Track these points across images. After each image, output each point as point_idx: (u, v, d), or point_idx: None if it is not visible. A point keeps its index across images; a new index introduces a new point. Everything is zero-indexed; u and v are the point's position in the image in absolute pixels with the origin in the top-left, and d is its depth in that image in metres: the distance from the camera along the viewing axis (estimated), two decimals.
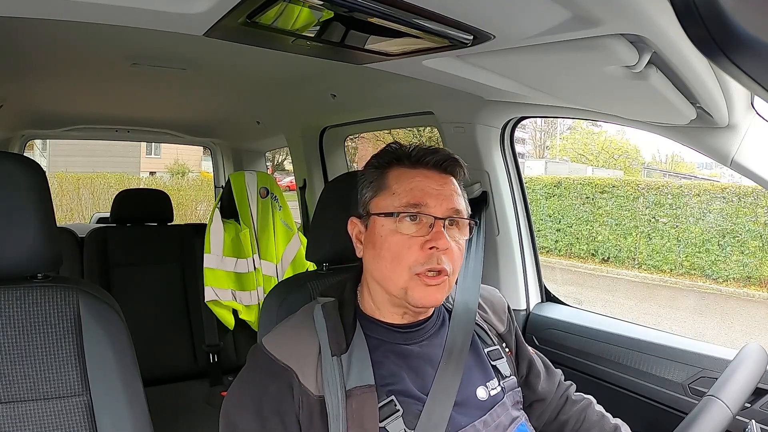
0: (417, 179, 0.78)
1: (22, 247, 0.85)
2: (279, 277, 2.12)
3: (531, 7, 0.62)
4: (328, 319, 0.79)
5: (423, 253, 0.74)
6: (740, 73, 0.40)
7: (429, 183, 0.78)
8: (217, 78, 1.63)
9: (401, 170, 0.80)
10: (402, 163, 0.80)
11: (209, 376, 2.13)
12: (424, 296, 0.75)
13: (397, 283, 0.76)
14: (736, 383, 0.86)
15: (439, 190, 0.78)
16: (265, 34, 0.79)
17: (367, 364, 0.75)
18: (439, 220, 0.75)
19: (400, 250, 0.75)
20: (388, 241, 0.76)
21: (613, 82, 0.81)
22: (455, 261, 0.77)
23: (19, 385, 0.85)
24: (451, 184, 0.80)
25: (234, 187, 2.14)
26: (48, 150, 12.27)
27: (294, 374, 0.74)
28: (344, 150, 2.40)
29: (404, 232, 0.75)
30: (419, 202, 0.76)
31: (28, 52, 1.31)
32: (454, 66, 0.92)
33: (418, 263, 0.74)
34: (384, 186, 0.80)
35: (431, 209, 0.76)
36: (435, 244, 0.74)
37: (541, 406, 0.95)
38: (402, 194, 0.77)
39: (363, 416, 0.71)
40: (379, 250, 0.77)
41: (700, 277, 6.69)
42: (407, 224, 0.75)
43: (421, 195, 0.76)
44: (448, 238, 0.75)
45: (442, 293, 0.77)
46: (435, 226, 0.75)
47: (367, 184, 0.82)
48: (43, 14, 0.71)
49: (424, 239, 0.75)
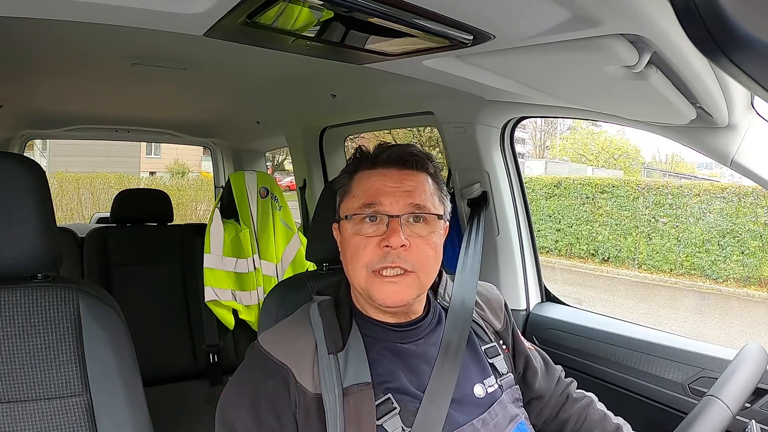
0: (373, 179, 0.79)
1: (22, 247, 0.85)
2: (279, 277, 2.12)
3: (531, 7, 0.62)
4: (324, 317, 0.79)
5: (378, 251, 0.75)
6: (740, 73, 0.40)
7: (385, 181, 0.78)
8: (217, 78, 1.63)
9: (363, 173, 0.81)
10: (366, 165, 0.81)
11: (209, 376, 2.14)
12: (384, 295, 0.75)
13: (359, 282, 0.77)
14: (736, 383, 0.86)
15: (395, 186, 0.77)
16: (265, 34, 0.79)
17: (363, 362, 0.75)
18: (394, 217, 0.75)
19: (358, 249, 0.76)
20: (350, 242, 0.78)
21: (613, 82, 0.81)
22: (421, 257, 0.76)
23: (19, 385, 0.85)
24: (413, 180, 0.79)
25: (234, 187, 2.14)
26: (48, 150, 12.27)
27: (290, 372, 0.74)
28: (344, 150, 2.40)
29: (363, 233, 0.77)
30: (373, 201, 0.77)
31: (28, 52, 1.31)
32: (454, 66, 0.92)
33: (373, 261, 0.75)
34: (349, 190, 0.82)
35: (386, 207, 0.76)
36: (387, 242, 0.74)
37: (540, 403, 0.95)
38: (359, 195, 0.79)
39: (360, 414, 0.71)
40: (345, 252, 0.80)
41: (700, 277, 6.69)
42: (366, 225, 0.77)
43: (375, 194, 0.77)
44: (405, 236, 0.75)
45: (409, 291, 0.76)
46: (390, 224, 0.75)
47: (338, 189, 0.85)
48: (43, 14, 0.71)
49: (380, 237, 0.75)
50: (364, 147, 0.84)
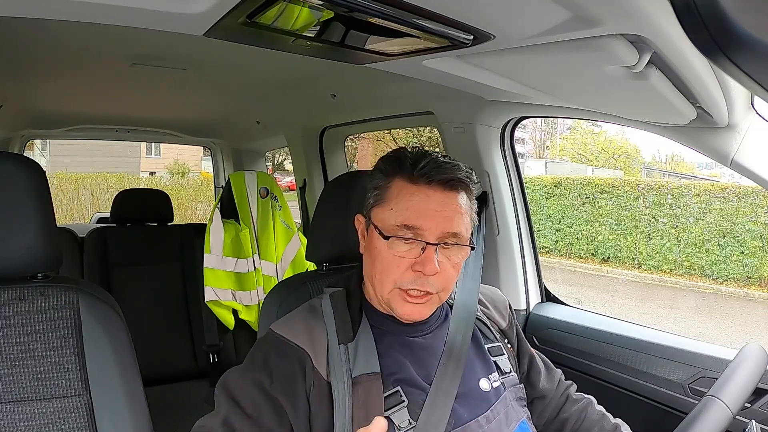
0: (416, 198, 0.76)
1: (22, 247, 0.85)
2: (279, 277, 2.12)
3: (531, 7, 0.62)
4: (335, 308, 0.80)
5: (410, 273, 0.75)
6: (740, 73, 0.40)
7: (428, 203, 0.75)
8: (217, 78, 1.63)
9: (403, 184, 0.77)
10: (405, 175, 0.77)
11: (209, 376, 2.13)
12: (406, 311, 0.77)
13: (383, 292, 0.78)
14: (736, 383, 0.86)
15: (437, 211, 0.75)
16: (265, 34, 0.79)
17: (372, 353, 0.76)
18: (432, 245, 0.74)
19: (390, 266, 0.76)
20: (381, 254, 0.77)
21: (613, 82, 0.81)
22: (446, 281, 0.78)
23: (19, 385, 0.85)
24: (454, 204, 0.77)
25: (234, 187, 2.14)
26: (48, 150, 12.27)
27: (308, 356, 0.75)
28: (344, 150, 2.40)
29: (396, 251, 0.75)
30: (414, 225, 0.74)
31: (28, 52, 1.31)
32: (454, 66, 0.92)
33: (403, 281, 0.76)
34: (385, 198, 0.78)
35: (425, 232, 0.74)
36: (422, 270, 0.74)
37: (542, 403, 0.96)
38: (399, 213, 0.76)
39: (368, 404, 0.72)
40: (374, 260, 0.78)
41: (700, 277, 6.69)
42: (400, 244, 0.75)
43: (416, 217, 0.75)
44: (438, 261, 0.74)
45: (428, 308, 0.79)
46: (426, 251, 0.74)
47: (371, 188, 0.81)
48: (43, 14, 0.71)
49: (413, 260, 0.75)
50: (407, 149, 0.80)
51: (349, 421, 0.71)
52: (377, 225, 0.78)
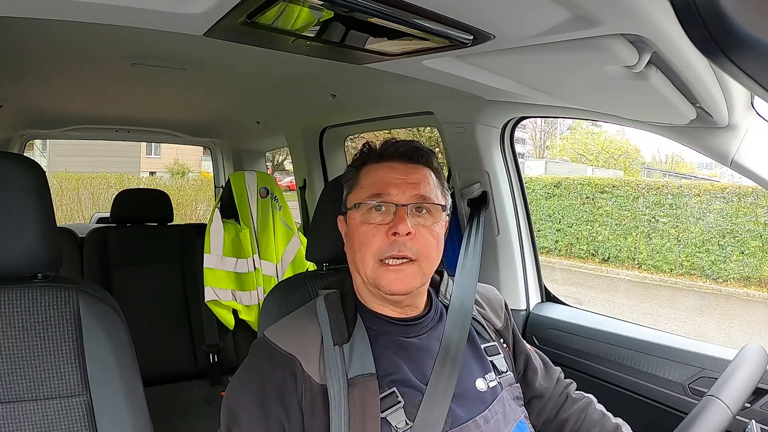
0: (381, 171, 0.82)
1: (22, 247, 0.85)
2: (279, 277, 2.12)
3: (531, 7, 0.62)
4: (330, 309, 0.81)
5: (387, 239, 0.77)
6: (740, 73, 0.40)
7: (392, 173, 0.81)
8: (217, 78, 1.63)
9: (371, 166, 0.84)
10: (372, 159, 0.85)
11: (209, 376, 2.13)
12: (390, 284, 0.77)
13: (366, 270, 0.79)
14: (736, 383, 0.86)
15: (402, 178, 0.81)
16: (265, 34, 0.79)
17: (368, 354, 0.77)
18: (402, 206, 0.78)
19: (367, 238, 0.79)
20: (358, 231, 0.80)
21: (613, 82, 0.81)
22: (424, 246, 0.79)
23: (19, 385, 0.85)
24: (418, 173, 0.82)
25: (234, 187, 2.14)
26: (48, 150, 12.27)
27: (297, 362, 0.75)
28: (344, 150, 2.40)
29: (370, 222, 0.79)
30: (381, 192, 0.80)
31: (28, 52, 1.31)
32: (454, 66, 0.92)
33: (381, 250, 0.77)
34: (356, 183, 0.84)
35: (393, 197, 0.79)
36: (396, 229, 0.77)
37: (540, 402, 0.95)
38: (367, 187, 0.81)
39: (364, 405, 0.72)
40: (352, 241, 0.81)
41: (700, 277, 6.69)
42: (373, 214, 0.79)
43: (383, 185, 0.80)
44: (411, 224, 0.78)
45: (413, 280, 0.79)
46: (398, 213, 0.78)
47: (345, 183, 0.87)
48: (43, 14, 0.71)
49: (387, 226, 0.78)
50: (371, 143, 0.87)
51: (346, 422, 0.71)
52: (350, 205, 0.83)
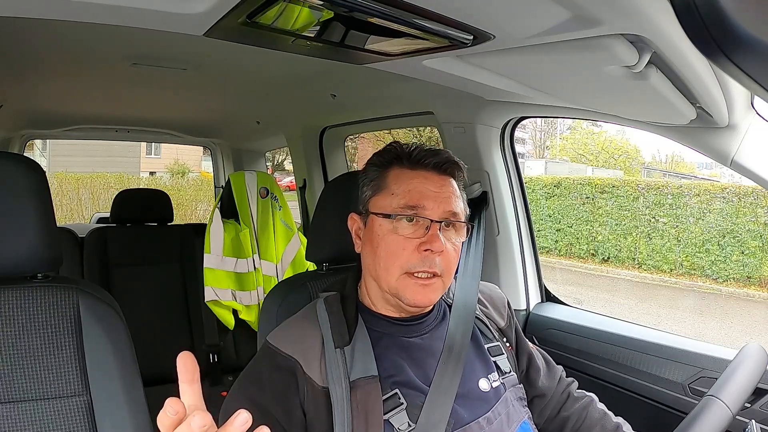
0: (416, 180, 0.79)
1: (22, 247, 0.85)
2: (279, 277, 2.12)
3: (531, 7, 0.62)
4: (330, 312, 0.80)
5: (418, 254, 0.76)
6: (740, 73, 0.40)
7: (427, 185, 0.79)
8: (217, 78, 1.63)
9: (401, 170, 0.80)
10: (402, 163, 0.81)
11: (209, 376, 2.13)
12: (416, 296, 0.77)
13: (390, 281, 0.77)
14: (736, 383, 0.86)
15: (437, 192, 0.78)
16: (265, 34, 0.79)
17: (370, 356, 0.76)
18: (436, 222, 0.76)
19: (396, 250, 0.76)
20: (385, 240, 0.77)
21: (613, 82, 0.81)
22: (449, 262, 0.78)
23: (19, 385, 0.85)
24: (450, 186, 0.81)
25: (234, 187, 2.14)
26: (48, 150, 12.26)
27: (298, 364, 0.75)
28: (344, 150, 2.40)
29: (401, 233, 0.77)
30: (417, 204, 0.77)
31: (28, 52, 1.31)
32: (454, 66, 0.92)
33: (412, 264, 0.76)
34: (383, 185, 0.81)
35: (428, 212, 0.77)
36: (430, 247, 0.75)
37: (542, 401, 0.95)
38: (400, 195, 0.78)
39: (367, 407, 0.72)
40: (376, 248, 0.79)
41: (700, 277, 6.70)
42: (404, 225, 0.77)
43: (418, 197, 0.77)
44: (443, 240, 0.76)
45: (435, 294, 0.78)
46: (431, 229, 0.76)
47: (367, 182, 0.83)
48: (44, 14, 0.71)
49: (419, 241, 0.76)
50: (399, 142, 0.84)
51: (349, 425, 0.71)
52: (378, 212, 0.79)
